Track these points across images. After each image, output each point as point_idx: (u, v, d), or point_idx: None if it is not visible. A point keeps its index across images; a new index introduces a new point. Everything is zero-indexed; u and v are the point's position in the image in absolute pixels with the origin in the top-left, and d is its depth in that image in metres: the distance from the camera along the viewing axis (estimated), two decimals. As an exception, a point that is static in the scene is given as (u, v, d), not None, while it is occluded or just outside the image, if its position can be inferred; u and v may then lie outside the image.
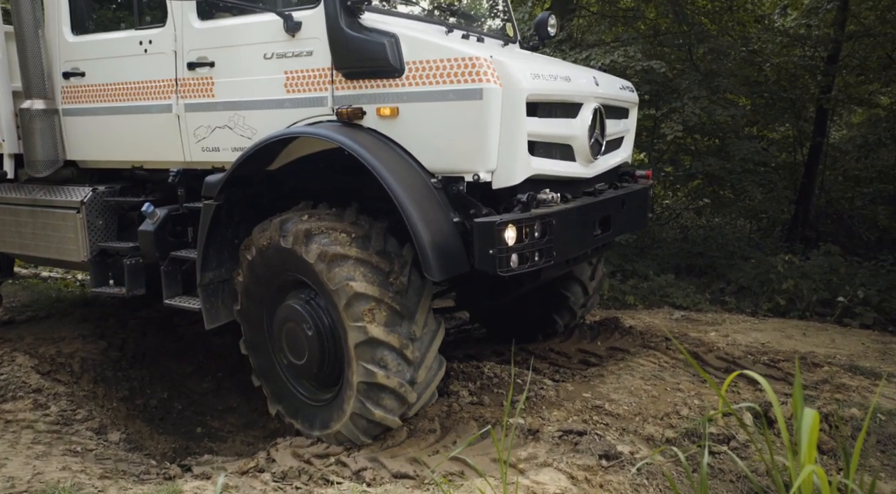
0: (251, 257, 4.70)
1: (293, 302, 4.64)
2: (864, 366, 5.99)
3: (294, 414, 4.86)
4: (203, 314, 5.02)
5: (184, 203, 5.38)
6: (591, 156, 5.01)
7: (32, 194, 6.22)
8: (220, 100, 5.08)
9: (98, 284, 5.90)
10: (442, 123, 4.27)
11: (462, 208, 4.25)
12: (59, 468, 4.13)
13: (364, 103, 4.49)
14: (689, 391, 5.06)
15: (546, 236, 4.25)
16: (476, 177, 4.24)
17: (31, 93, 5.89)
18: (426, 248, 4.00)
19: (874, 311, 8.06)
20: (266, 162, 4.87)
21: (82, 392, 5.85)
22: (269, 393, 5.05)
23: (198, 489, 3.78)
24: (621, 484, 3.91)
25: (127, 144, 5.78)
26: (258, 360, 5.05)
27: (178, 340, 7.25)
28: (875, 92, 13.72)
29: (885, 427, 4.77)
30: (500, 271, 3.99)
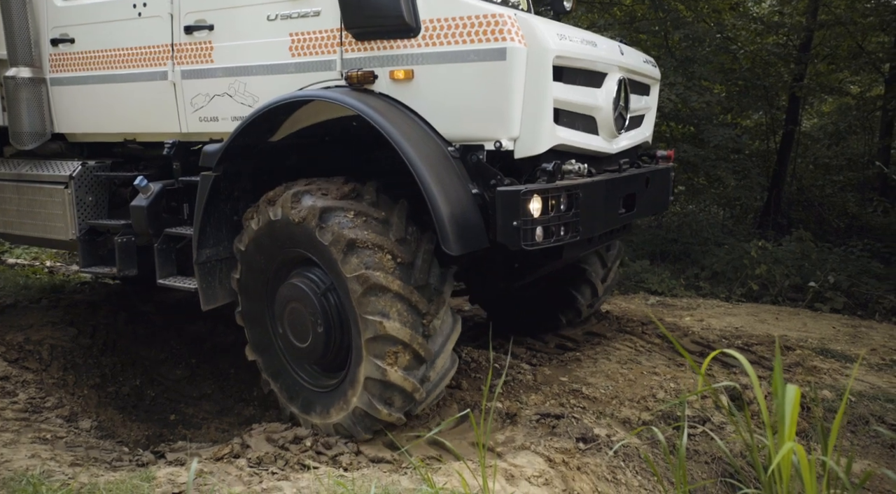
0: (257, 227, 4.37)
1: (299, 281, 4.34)
2: (834, 349, 6.08)
3: (291, 397, 4.61)
4: (199, 294, 4.74)
5: (179, 177, 5.05)
6: (615, 131, 4.72)
7: (17, 169, 5.87)
8: (219, 65, 4.78)
9: (87, 264, 5.60)
10: (461, 87, 3.97)
11: (481, 178, 3.97)
12: (27, 455, 4.05)
13: (376, 66, 4.20)
14: (665, 374, 5.09)
15: (572, 209, 3.98)
16: (498, 144, 3.94)
17: (17, 60, 5.53)
18: (445, 221, 3.70)
19: (844, 296, 8.16)
20: (268, 132, 4.61)
21: (52, 379, 5.74)
22: (265, 371, 4.76)
23: (171, 475, 3.72)
24: (598, 467, 3.92)
25: (119, 115, 5.45)
26: (255, 334, 4.76)
27: (150, 327, 7.13)
28: (845, 81, 13.89)
29: (856, 408, 4.85)
30: (524, 245, 3.74)
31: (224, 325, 7.23)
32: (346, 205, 4.05)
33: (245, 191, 4.71)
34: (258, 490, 3.51)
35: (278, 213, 4.17)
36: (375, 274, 3.86)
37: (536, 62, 3.91)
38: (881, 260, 9.39)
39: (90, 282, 8.73)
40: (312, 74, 4.40)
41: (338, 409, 4.25)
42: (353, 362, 4.11)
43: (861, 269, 8.79)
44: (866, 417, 4.72)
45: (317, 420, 4.39)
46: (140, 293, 8.19)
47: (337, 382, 4.35)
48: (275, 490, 3.50)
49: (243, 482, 3.68)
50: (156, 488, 3.53)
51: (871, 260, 9.18)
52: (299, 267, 4.42)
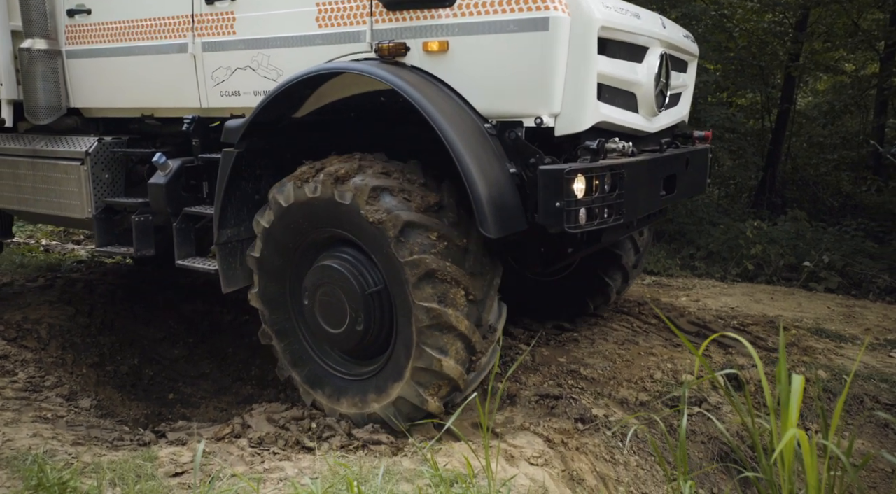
0: (287, 203, 4.12)
1: (335, 263, 4.12)
2: (829, 329, 6.12)
3: (314, 384, 4.42)
4: (220, 276, 4.54)
5: (199, 154, 4.87)
6: (656, 109, 4.52)
7: (32, 144, 5.70)
8: (241, 37, 4.58)
9: (103, 243, 5.43)
10: (499, 59, 3.76)
11: (519, 157, 3.76)
12: (29, 434, 4.07)
13: (408, 38, 3.98)
14: (663, 355, 5.13)
15: (616, 190, 3.78)
16: (539, 121, 3.74)
17: (33, 32, 5.35)
18: (483, 202, 3.52)
19: (839, 275, 8.21)
20: (293, 107, 4.42)
21: (50, 358, 5.75)
22: (284, 356, 4.57)
23: (174, 455, 3.75)
24: (597, 447, 3.97)
25: (137, 89, 5.25)
26: (273, 317, 4.52)
27: (148, 306, 7.14)
28: (840, 59, 13.86)
29: (850, 388, 4.89)
30: (568, 227, 3.56)
31: (222, 305, 7.25)
32: (399, 185, 3.85)
33: (267, 168, 4.54)
34: (260, 470, 3.54)
35: (317, 191, 3.96)
36: (433, 258, 3.68)
37: (581, 33, 3.71)
38: (875, 239, 9.44)
39: (86, 261, 8.72)
40: (340, 46, 4.21)
41: (375, 399, 4.08)
42: (399, 351, 3.93)
43: (855, 249, 8.83)
44: (861, 397, 4.77)
45: (348, 409, 4.22)
46: (148, 274, 8.19)
47: (374, 370, 4.18)
48: (277, 470, 3.52)
49: (245, 462, 3.71)
50: (159, 467, 3.56)
51: (865, 240, 9.22)
52: (333, 248, 4.22)
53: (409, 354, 3.84)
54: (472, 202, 3.55)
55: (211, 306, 7.25)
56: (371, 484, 3.02)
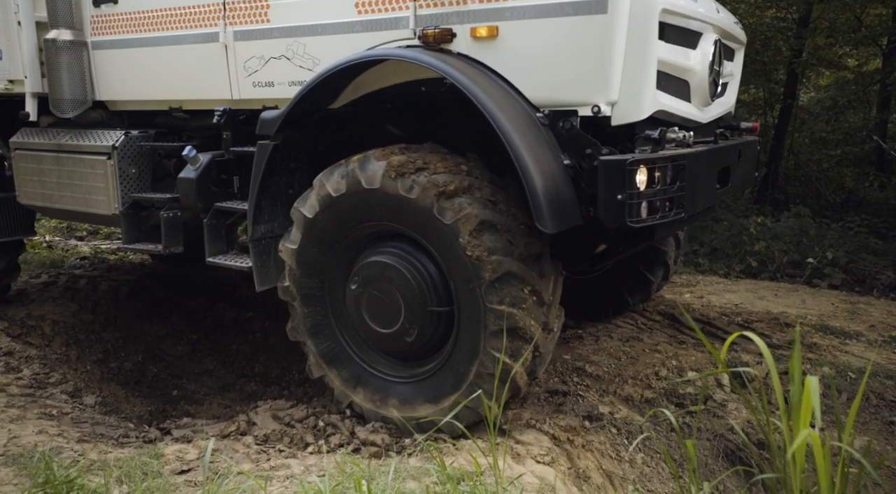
0: (337, 193, 3.87)
1: (390, 259, 3.90)
2: (834, 326, 6.11)
3: (354, 386, 4.21)
4: (254, 274, 4.39)
5: (230, 147, 4.72)
6: (709, 98, 4.35)
7: (57, 139, 5.54)
8: (276, 25, 4.39)
9: (130, 240, 5.29)
10: (554, 44, 3.56)
11: (574, 148, 3.57)
12: (35, 431, 4.07)
13: (454, 23, 3.78)
14: (667, 352, 5.13)
15: (677, 182, 3.63)
16: (596, 109, 3.54)
17: (58, 22, 5.19)
18: (539, 196, 3.34)
19: (842, 272, 8.20)
20: (330, 98, 4.24)
21: (55, 355, 5.76)
22: (318, 355, 4.31)
23: (180, 452, 3.75)
24: (602, 445, 3.97)
25: (165, 81, 5.08)
26: (307, 313, 4.27)
27: (152, 303, 7.14)
28: (843, 54, 13.83)
29: (856, 385, 4.89)
30: (630, 221, 3.40)
31: (225, 302, 7.26)
32: (470, 182, 3.63)
33: (301, 162, 4.39)
34: (267, 468, 3.54)
35: (374, 182, 3.70)
36: (509, 260, 3.52)
37: (641, 15, 3.52)
38: (878, 235, 9.42)
39: (89, 257, 8.72)
40: (382, 33, 4.02)
41: (428, 404, 3.90)
42: (460, 355, 3.75)
43: (859, 245, 8.82)
44: (866, 394, 4.77)
45: (393, 412, 4.01)
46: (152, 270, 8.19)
47: (426, 373, 3.99)
48: (283, 468, 3.52)
49: (251, 459, 3.72)
50: (165, 465, 3.56)
51: (869, 236, 9.21)
52: (382, 243, 4.01)
53: (473, 359, 3.67)
54: (528, 196, 3.37)
55: (214, 303, 7.25)
56: (378, 482, 3.02)
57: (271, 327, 6.89)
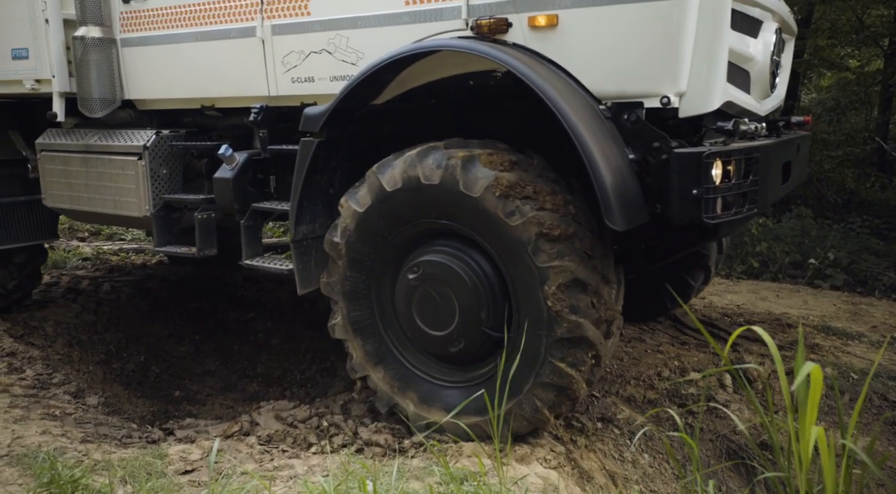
0: (392, 187, 3.67)
1: (446, 259, 3.72)
2: (835, 327, 6.12)
3: (401, 388, 4.03)
4: (296, 276, 4.21)
5: (267, 146, 4.55)
6: (769, 89, 4.15)
7: (85, 140, 5.39)
8: (317, 18, 4.21)
9: (163, 243, 5.13)
10: (619, 33, 3.39)
11: (639, 141, 3.39)
12: (38, 432, 4.08)
13: (510, 12, 3.60)
14: (670, 353, 5.13)
15: (750, 176, 3.49)
16: (665, 100, 3.35)
17: (87, 19, 5.03)
18: (609, 193, 3.17)
19: (844, 273, 8.20)
20: (374, 93, 4.06)
21: (57, 355, 5.76)
22: (362, 355, 4.12)
23: (183, 452, 3.76)
24: (605, 445, 3.97)
25: (198, 79, 4.89)
26: (353, 312, 4.08)
27: (154, 303, 7.15)
28: (845, 55, 13.85)
29: (858, 386, 4.90)
30: (706, 217, 3.26)
31: (227, 302, 7.28)
32: (538, 187, 3.45)
33: (342, 160, 4.23)
34: (270, 468, 3.54)
35: (474, 190, 3.45)
36: (576, 267, 3.36)
37: (713, 1, 3.35)
38: (880, 236, 9.43)
39: (91, 258, 8.73)
40: (431, 24, 3.83)
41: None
42: (519, 360, 3.50)
43: (860, 246, 8.82)
44: (869, 394, 4.77)
45: (439, 417, 3.76)
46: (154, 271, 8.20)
47: (478, 378, 3.80)
48: (287, 469, 3.53)
49: (255, 459, 3.72)
50: (169, 465, 3.57)
51: (871, 237, 9.21)
52: (435, 240, 3.83)
53: (532, 367, 3.50)
54: (598, 192, 3.20)
55: (217, 303, 7.27)
56: (382, 482, 3.02)
57: (273, 328, 6.91)
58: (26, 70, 5.37)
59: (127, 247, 9.61)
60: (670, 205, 3.32)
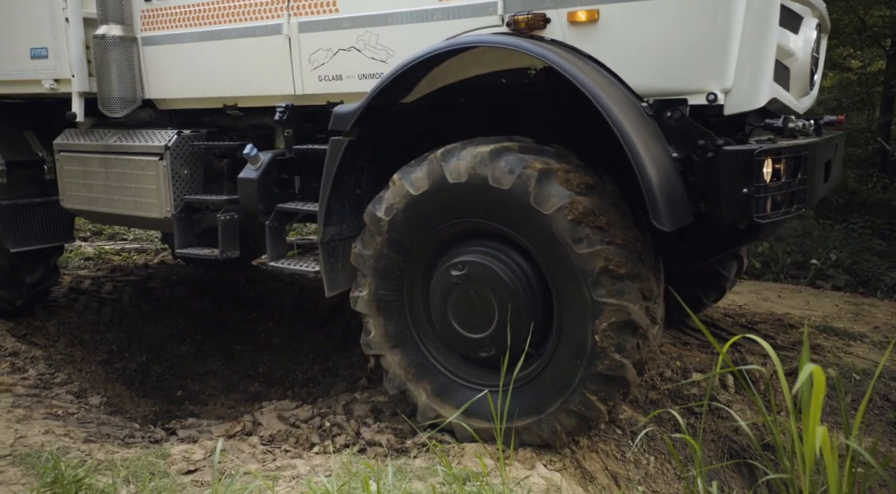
0: (455, 179, 3.51)
1: (496, 266, 3.59)
2: (837, 327, 6.12)
3: (416, 375, 3.94)
4: (323, 278, 4.13)
5: (292, 145, 4.49)
6: (808, 86, 4.05)
7: (104, 140, 5.30)
8: (346, 15, 4.13)
9: (184, 245, 5.05)
10: (663, 28, 3.30)
11: (683, 139, 3.31)
12: (41, 431, 4.08)
13: (548, 8, 3.51)
14: (671, 353, 5.12)
15: (799, 175, 3.40)
16: (712, 97, 3.26)
17: (107, 17, 4.94)
18: (655, 192, 3.08)
19: (846, 273, 8.20)
20: (404, 91, 3.99)
21: (60, 355, 5.77)
22: (383, 333, 4.02)
23: (186, 452, 3.76)
24: (608, 445, 3.97)
25: (221, 78, 4.79)
26: (380, 287, 3.95)
27: (156, 303, 7.16)
28: (847, 56, 13.83)
29: (860, 386, 4.90)
30: (757, 217, 3.17)
31: (229, 302, 7.28)
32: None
33: (369, 160, 4.15)
34: (273, 468, 3.54)
35: (544, 206, 3.33)
36: (632, 307, 3.29)
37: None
38: (882, 237, 9.43)
39: (93, 258, 8.73)
40: (465, 21, 3.75)
41: (525, 412, 3.60)
42: (563, 357, 3.46)
43: (862, 246, 8.82)
44: (871, 395, 4.77)
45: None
46: (156, 271, 8.19)
47: (524, 379, 3.64)
48: (289, 469, 3.53)
49: (257, 459, 3.72)
50: (172, 465, 3.57)
51: (872, 238, 9.22)
52: (490, 244, 3.70)
53: (562, 393, 3.45)
54: (644, 192, 3.11)
55: (219, 303, 7.28)
56: (385, 483, 3.02)
57: (275, 328, 6.91)
58: (45, 70, 5.30)
59: (129, 246, 9.61)
60: (719, 205, 3.25)
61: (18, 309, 6.13)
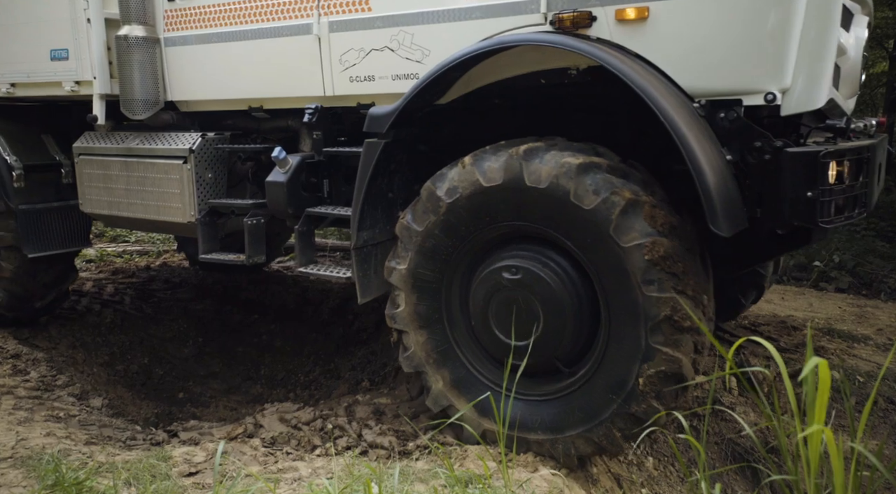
0: (533, 183, 3.33)
1: (552, 279, 3.47)
2: (841, 329, 6.09)
3: (437, 361, 3.85)
4: (356, 285, 4.02)
5: (322, 148, 4.37)
6: (857, 87, 3.90)
7: (126, 143, 5.19)
8: (379, 14, 4.03)
9: (208, 250, 4.92)
10: (718, 26, 3.18)
11: (738, 141, 3.19)
12: (43, 434, 4.08)
13: (594, 5, 3.40)
14: (674, 354, 5.10)
15: (861, 177, 3.29)
16: (771, 97, 3.12)
17: (130, 17, 4.83)
18: (713, 196, 2.97)
19: (849, 275, 8.17)
20: (439, 92, 3.88)
21: (61, 357, 5.77)
22: (412, 312, 3.88)
23: (187, 455, 3.75)
24: (611, 447, 3.95)
25: (246, 79, 4.69)
26: (419, 264, 3.78)
27: (157, 305, 7.16)
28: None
29: (865, 388, 4.88)
30: (822, 222, 3.06)
31: (231, 304, 7.28)
32: (680, 252, 3.22)
33: (401, 163, 4.03)
34: (274, 470, 3.53)
35: (586, 202, 3.22)
36: (683, 360, 3.19)
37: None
38: (885, 239, 9.39)
39: (95, 260, 8.73)
40: (505, 19, 3.64)
41: (577, 419, 3.47)
42: (615, 359, 3.34)
43: (866, 248, 8.79)
44: (875, 397, 4.74)
45: (539, 435, 3.56)
46: (157, 273, 8.20)
47: (574, 385, 3.54)
48: (291, 471, 3.52)
49: (259, 461, 3.72)
50: (173, 467, 3.56)
51: (876, 239, 9.18)
52: (548, 253, 3.56)
53: (616, 395, 3.34)
54: (702, 197, 3.00)
55: (220, 305, 7.27)
56: (387, 485, 3.01)
57: (277, 330, 6.91)
58: (66, 71, 5.21)
59: (131, 248, 9.61)
60: (779, 209, 3.14)
61: (36, 314, 6.08)
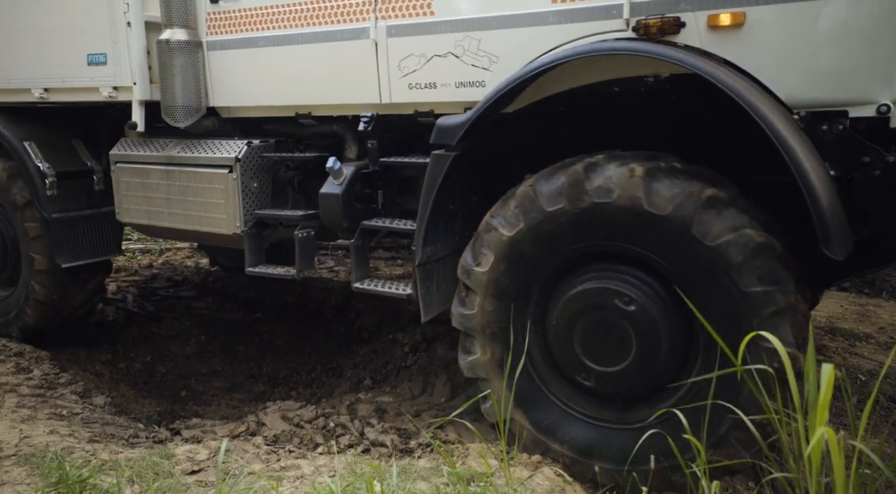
0: (660, 212, 3.08)
1: (621, 286, 3.31)
2: (843, 328, 6.10)
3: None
4: (419, 302, 3.82)
5: (378, 158, 4.18)
6: None
7: (166, 150, 4.97)
8: (442, 18, 3.81)
9: (255, 263, 4.69)
10: (822, 33, 2.98)
11: (843, 156, 3.01)
12: (46, 432, 4.09)
13: (684, 10, 3.19)
14: (676, 353, 5.11)
15: None
16: (885, 108, 2.91)
17: (172, 20, 4.60)
18: (827, 217, 2.78)
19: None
20: (507, 101, 3.64)
21: (64, 355, 5.77)
22: (484, 314, 3.63)
23: (190, 452, 3.76)
24: (612, 445, 3.95)
25: (295, 85, 4.46)
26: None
27: (160, 303, 7.17)
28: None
29: (866, 387, 4.88)
30: None
31: (233, 303, 7.28)
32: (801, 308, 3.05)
33: (462, 174, 3.78)
34: (277, 468, 3.54)
35: (711, 239, 3.01)
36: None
37: None
38: (887, 238, 9.39)
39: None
40: (583, 25, 3.43)
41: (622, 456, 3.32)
42: None
43: (867, 247, 8.79)
44: (876, 396, 4.75)
45: (615, 465, 3.36)
46: (159, 273, 8.20)
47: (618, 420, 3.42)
48: (293, 469, 3.53)
49: (261, 459, 3.73)
50: (176, 465, 3.57)
51: (877, 238, 9.18)
52: (595, 263, 3.42)
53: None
54: (815, 218, 2.81)
55: (222, 304, 7.27)
56: (389, 483, 3.02)
57: (279, 328, 6.92)
58: (104, 77, 5.00)
59: (133, 246, 9.62)
60: (893, 229, 2.99)
61: (66, 320, 5.99)
